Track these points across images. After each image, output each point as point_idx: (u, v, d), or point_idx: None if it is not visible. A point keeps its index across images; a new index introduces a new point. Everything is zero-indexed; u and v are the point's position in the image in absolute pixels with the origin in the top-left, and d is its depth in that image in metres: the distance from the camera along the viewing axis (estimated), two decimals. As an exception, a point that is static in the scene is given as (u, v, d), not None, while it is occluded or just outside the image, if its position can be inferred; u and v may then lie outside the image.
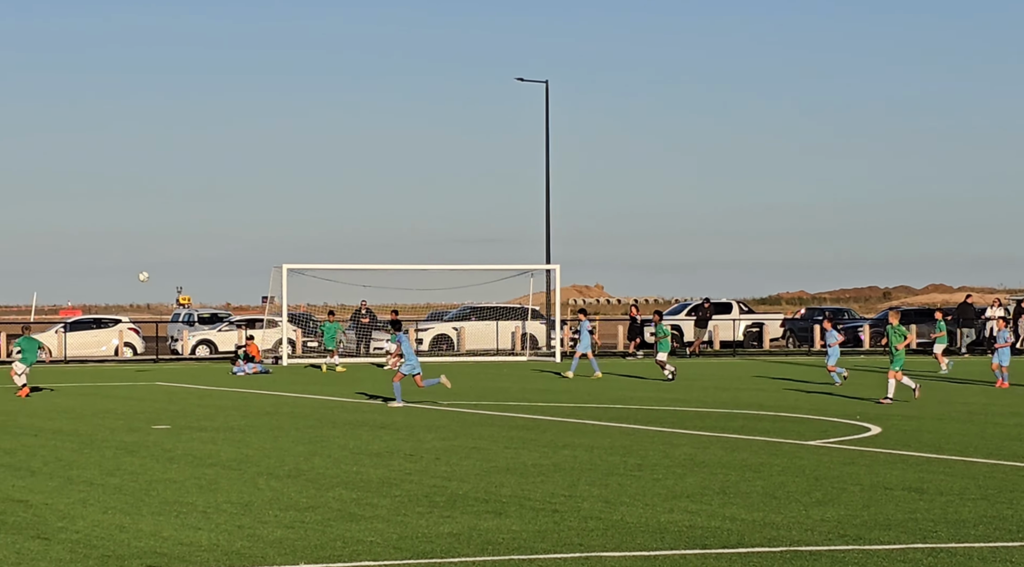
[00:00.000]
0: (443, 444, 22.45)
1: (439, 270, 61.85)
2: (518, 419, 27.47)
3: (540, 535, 13.76)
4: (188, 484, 17.56)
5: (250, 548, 13.03)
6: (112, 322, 63.97)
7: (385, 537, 13.62)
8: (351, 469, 19.11)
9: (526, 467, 19.30)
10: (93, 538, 13.55)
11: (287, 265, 55.77)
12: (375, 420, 27.23)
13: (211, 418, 27.92)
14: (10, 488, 17.19)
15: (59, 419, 27.75)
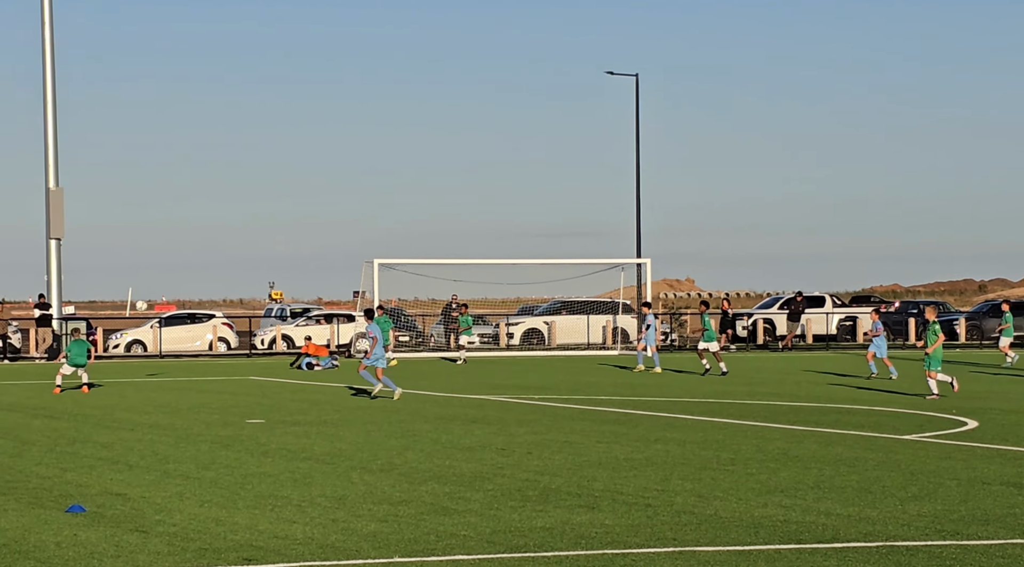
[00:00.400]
0: (535, 438, 22.46)
1: (530, 264, 61.91)
2: (609, 413, 27.43)
3: (633, 529, 13.72)
4: (283, 478, 17.68)
5: (344, 542, 13.09)
6: (206, 317, 64.58)
7: (478, 531, 13.64)
8: (443, 463, 19.16)
9: (618, 461, 19.27)
10: (190, 531, 13.68)
11: (378, 260, 56.05)
12: (467, 414, 27.29)
13: (304, 412, 28.10)
14: (108, 481, 17.39)
15: (155, 413, 28.04)
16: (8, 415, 27.86)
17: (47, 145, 58.00)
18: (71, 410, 28.98)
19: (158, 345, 59.60)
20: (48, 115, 57.97)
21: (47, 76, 57.87)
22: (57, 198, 57.86)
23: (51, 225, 57.70)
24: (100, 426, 25.23)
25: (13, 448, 21.39)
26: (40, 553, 12.50)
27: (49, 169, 57.96)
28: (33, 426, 25.27)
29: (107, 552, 12.56)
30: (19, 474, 18.17)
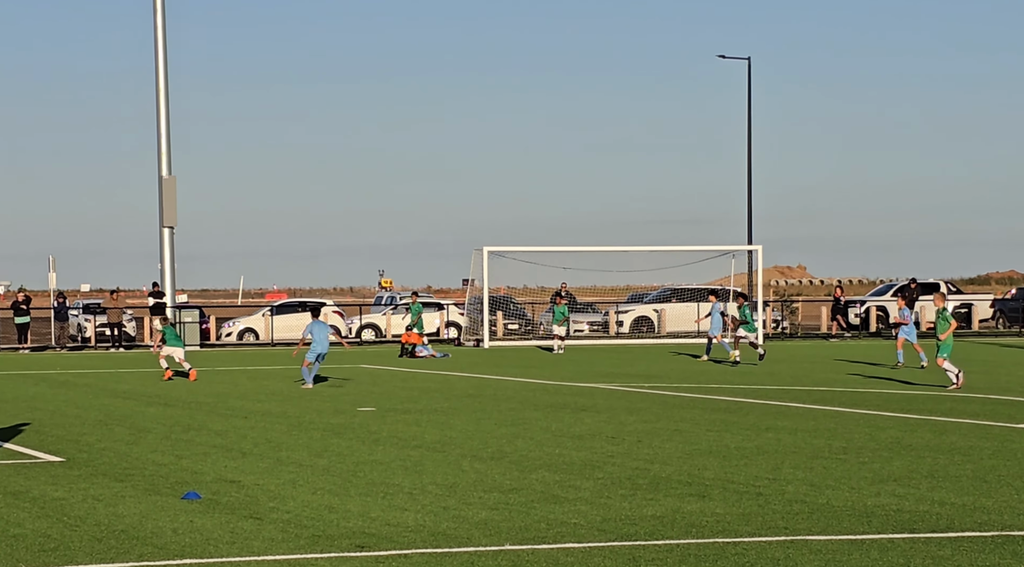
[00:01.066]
0: (645, 426, 22.42)
1: (639, 251, 61.77)
2: (720, 402, 27.32)
3: (744, 518, 13.66)
4: (394, 465, 17.80)
5: (456, 529, 13.16)
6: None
7: (589, 519, 13.65)
8: (553, 451, 19.18)
9: (729, 450, 19.18)
10: (303, 518, 13.81)
11: (488, 247, 56.17)
12: (576, 402, 27.30)
13: (415, 400, 28.25)
14: (223, 469, 17.60)
15: (268, 401, 28.33)
16: (124, 402, 28.28)
17: (160, 135, 58.72)
18: (185, 398, 29.36)
19: (270, 333, 60.17)
20: (161, 105, 58.69)
21: (160, 66, 58.59)
22: (170, 187, 58.57)
23: (164, 214, 58.42)
24: (214, 414, 25.54)
25: (130, 436, 21.71)
26: (157, 539, 12.68)
27: (162, 158, 58.69)
28: (148, 414, 25.63)
29: (223, 539, 12.71)
30: (136, 461, 18.44)
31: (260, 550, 12.17)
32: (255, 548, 12.25)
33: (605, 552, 11.99)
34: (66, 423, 23.83)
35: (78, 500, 15.05)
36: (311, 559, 11.75)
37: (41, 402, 28.51)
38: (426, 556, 11.86)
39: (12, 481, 16.55)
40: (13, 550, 12.20)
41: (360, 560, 11.70)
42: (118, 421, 24.14)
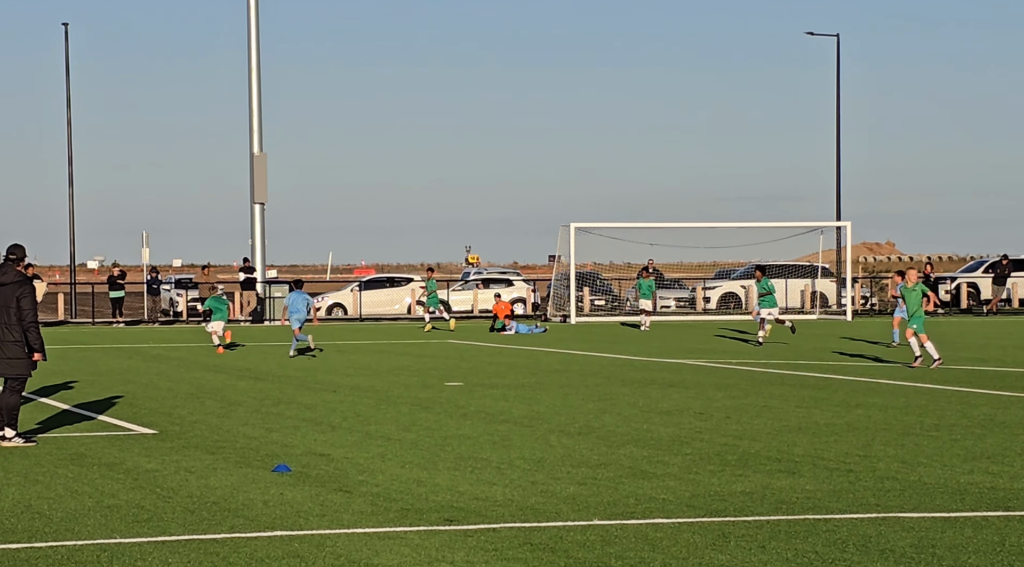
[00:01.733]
0: (733, 402, 22.33)
1: (727, 228, 61.46)
2: (809, 378, 27.15)
3: (835, 495, 13.57)
4: (482, 440, 17.84)
5: (544, 504, 13.16)
6: (404, 281, 65.28)
7: (677, 495, 13.61)
8: (641, 427, 19.15)
9: (818, 426, 19.06)
10: (392, 491, 13.87)
11: (575, 224, 56.10)
12: (664, 378, 27.23)
13: (501, 375, 28.30)
14: (312, 442, 17.72)
15: (356, 376, 28.48)
16: (215, 376, 28.54)
17: (251, 112, 59.10)
18: (275, 372, 29.58)
19: (358, 308, 60.48)
20: (252, 82, 59.04)
21: (251, 44, 58.94)
22: (261, 164, 58.95)
23: (255, 190, 58.84)
24: (303, 388, 25.70)
25: (221, 409, 21.91)
26: (248, 511, 12.79)
27: (253, 135, 59.08)
28: (239, 387, 25.85)
29: (312, 511, 12.80)
30: (227, 434, 18.60)
31: (350, 523, 12.24)
32: (345, 521, 12.33)
33: (695, 528, 11.96)
34: (158, 396, 24.09)
35: (171, 472, 15.21)
36: (400, 532, 11.81)
37: (134, 375, 28.84)
38: (515, 530, 11.88)
39: (106, 453, 16.76)
40: (108, 520, 12.35)
41: (449, 534, 11.74)
42: (209, 394, 24.37)
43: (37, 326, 17.47)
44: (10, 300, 17.33)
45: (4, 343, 17.39)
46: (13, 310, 17.32)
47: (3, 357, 17.40)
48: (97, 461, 16.04)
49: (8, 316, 17.35)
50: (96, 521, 12.31)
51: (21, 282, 17.45)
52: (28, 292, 17.38)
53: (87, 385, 26.21)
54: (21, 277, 17.53)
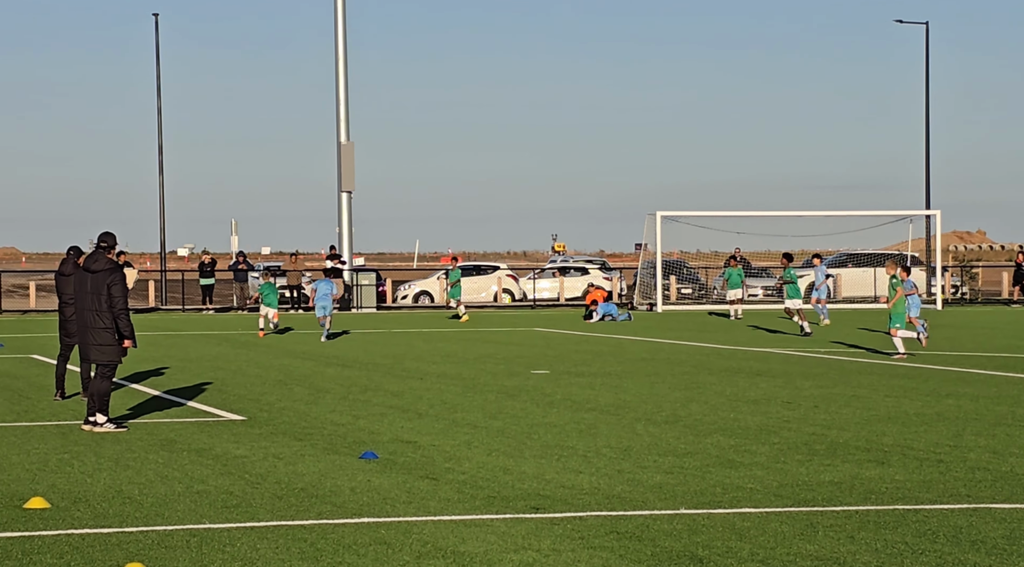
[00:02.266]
0: (821, 392, 22.17)
1: (814, 216, 61.00)
2: (898, 367, 26.91)
3: (925, 485, 13.45)
4: (568, 428, 17.83)
5: (630, 492, 13.14)
6: (491, 268, 65.38)
7: (765, 484, 13.54)
8: (729, 416, 19.07)
9: (908, 416, 18.89)
10: (479, 479, 13.90)
11: (661, 212, 55.90)
12: (751, 367, 27.10)
13: (588, 363, 28.27)
14: (399, 429, 17.78)
15: (443, 363, 28.55)
16: (304, 363, 28.71)
17: (338, 101, 59.37)
18: (362, 359, 29.72)
19: (445, 296, 60.59)
20: (340, 72, 59.32)
21: (338, 33, 59.20)
22: (348, 152, 59.21)
23: (342, 178, 59.10)
24: (390, 375, 25.81)
25: (309, 395, 22.04)
26: (336, 498, 12.86)
27: (340, 124, 59.33)
28: (327, 374, 25.99)
29: (399, 498, 12.85)
30: (315, 421, 18.71)
31: (436, 510, 12.28)
32: (431, 508, 12.36)
33: (782, 517, 11.89)
34: (247, 382, 24.28)
35: (259, 458, 15.32)
36: (487, 520, 11.83)
37: (224, 362, 29.07)
38: (601, 519, 11.87)
39: (196, 439, 16.91)
40: (197, 505, 12.46)
41: (535, 522, 11.75)
42: (297, 381, 24.52)
43: (127, 313, 17.66)
44: (101, 287, 17.54)
45: (94, 330, 17.60)
46: (104, 297, 17.52)
47: (93, 343, 17.62)
48: (187, 447, 16.20)
49: (99, 303, 17.55)
50: (186, 506, 12.42)
51: (112, 269, 17.65)
52: (118, 279, 17.57)
53: (177, 371, 26.46)
54: (112, 264, 17.73)
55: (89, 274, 17.70)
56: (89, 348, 17.73)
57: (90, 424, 17.55)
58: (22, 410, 19.99)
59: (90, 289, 17.62)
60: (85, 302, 17.69)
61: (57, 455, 15.55)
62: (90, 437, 17.04)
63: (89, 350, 17.75)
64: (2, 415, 19.50)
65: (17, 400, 21.40)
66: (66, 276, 20.56)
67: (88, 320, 17.65)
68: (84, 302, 17.71)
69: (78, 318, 17.96)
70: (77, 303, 18.04)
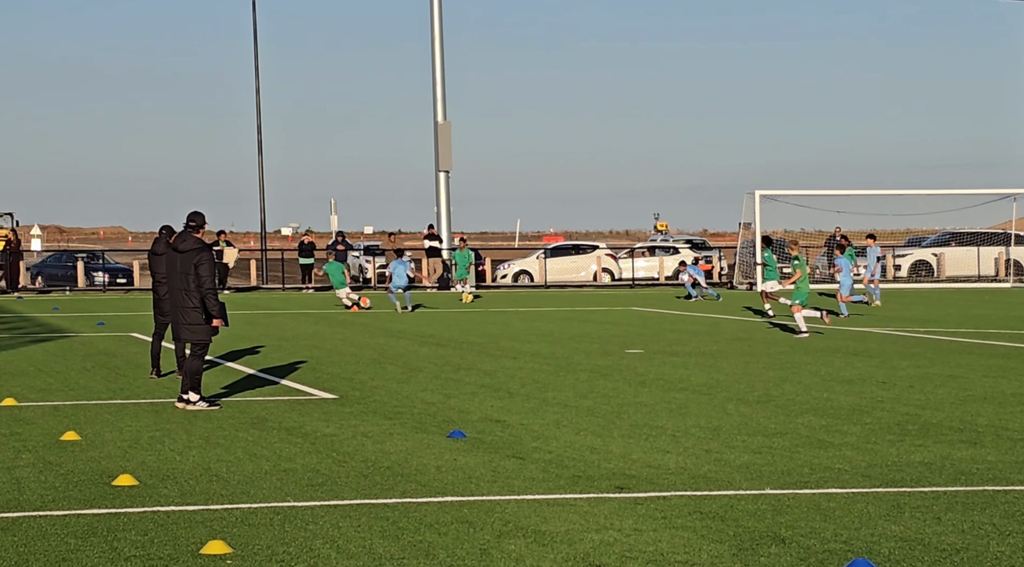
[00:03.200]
0: (918, 371, 21.91)
1: (916, 195, 60.31)
2: (999, 347, 26.53)
3: (1018, 466, 13.24)
4: (658, 408, 17.75)
5: (717, 472, 13.05)
6: (590, 248, 65.28)
7: (854, 464, 13.40)
8: (821, 396, 18.89)
9: (1005, 396, 18.62)
10: (565, 458, 13.87)
11: (760, 191, 55.50)
12: (848, 347, 26.83)
13: (683, 343, 28.13)
14: (489, 408, 17.79)
15: (537, 342, 28.54)
16: (398, 342, 28.82)
17: (435, 81, 59.50)
18: (457, 338, 29.78)
19: (543, 275, 60.63)
20: (436, 53, 59.42)
21: (434, 13, 59.28)
22: (445, 132, 59.35)
23: (439, 158, 59.26)
24: (484, 354, 25.84)
25: (402, 374, 22.12)
26: (421, 476, 12.89)
27: (437, 104, 59.48)
28: (421, 353, 26.07)
29: (484, 477, 12.85)
30: (406, 400, 18.77)
31: (520, 489, 12.27)
32: (515, 487, 12.35)
33: (868, 498, 11.76)
34: (342, 361, 24.41)
35: (348, 436, 15.39)
36: (570, 499, 11.80)
37: (319, 340, 29.25)
38: (685, 498, 11.80)
39: (287, 417, 17.03)
40: (283, 483, 12.54)
41: (618, 501, 11.70)
42: (391, 360, 24.62)
43: (215, 292, 17.75)
44: (189, 267, 17.67)
45: (184, 309, 17.76)
46: (192, 276, 17.65)
47: (184, 322, 17.78)
48: (277, 425, 16.31)
49: (187, 283, 17.69)
50: (272, 484, 12.50)
51: (199, 249, 17.77)
52: (206, 259, 17.68)
53: (273, 350, 26.66)
54: (200, 244, 17.86)
55: (178, 254, 17.85)
56: (180, 327, 17.89)
57: (183, 402, 17.73)
58: (118, 388, 20.24)
59: (179, 269, 17.77)
60: (175, 282, 17.85)
61: (149, 433, 15.72)
62: (183, 415, 17.21)
63: (180, 329, 17.92)
64: (98, 393, 19.76)
65: (114, 378, 21.67)
66: (158, 255, 20.78)
67: (179, 300, 17.81)
68: (174, 281, 17.88)
69: (171, 297, 18.12)
70: (168, 283, 18.24)
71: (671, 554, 9.85)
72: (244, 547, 10.04)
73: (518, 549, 10.00)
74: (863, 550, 9.90)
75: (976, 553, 9.82)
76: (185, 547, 10.05)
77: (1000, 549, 9.93)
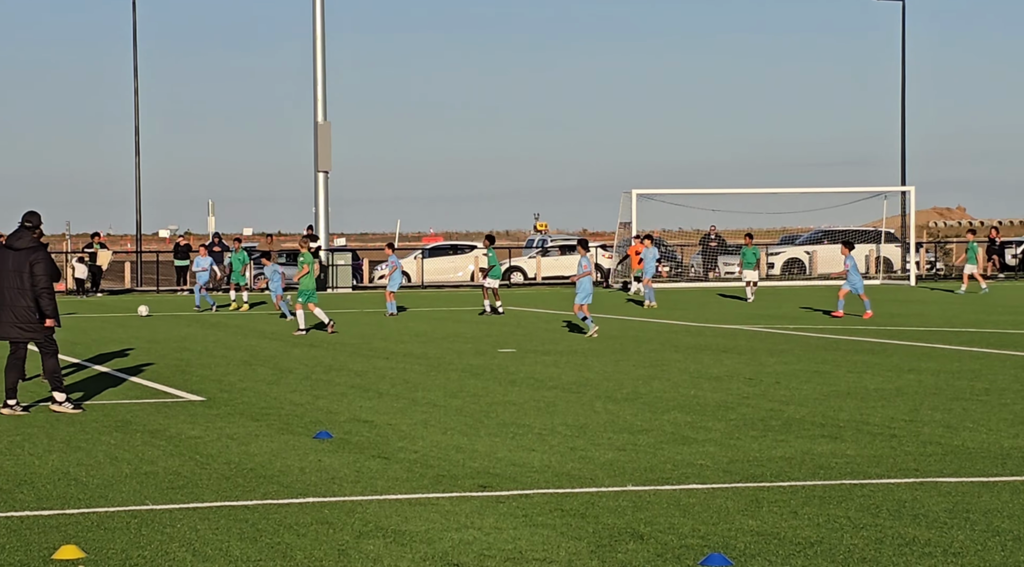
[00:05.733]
0: (784, 368, 22.17)
1: (790, 193, 61.01)
2: (864, 343, 26.92)
3: (875, 460, 13.44)
4: (527, 406, 17.80)
5: (580, 469, 13.11)
6: (468, 248, 65.33)
7: (716, 460, 13.52)
8: (689, 393, 19.05)
9: (867, 391, 18.90)
10: (430, 457, 13.86)
11: (636, 190, 55.86)
12: (718, 344, 27.08)
13: (555, 342, 28.23)
14: (357, 409, 17.73)
15: (410, 342, 28.49)
16: (270, 343, 28.64)
17: (316, 81, 59.20)
18: (330, 339, 29.64)
19: (420, 275, 60.57)
20: (318, 52, 59.13)
21: (316, 13, 58.97)
22: (325, 132, 59.07)
23: (319, 158, 58.97)
24: (356, 354, 25.75)
25: (272, 376, 21.98)
26: (284, 477, 12.81)
27: (318, 105, 59.19)
28: (293, 354, 25.92)
29: (348, 477, 12.80)
30: (274, 401, 18.66)
31: (383, 489, 12.24)
32: (378, 487, 12.32)
33: (728, 493, 11.87)
34: (212, 363, 24.20)
35: (213, 439, 15.27)
36: (432, 499, 11.79)
37: (191, 342, 28.99)
38: (547, 496, 11.84)
39: (152, 420, 16.85)
40: (143, 487, 12.40)
41: (481, 500, 11.71)
42: (262, 361, 24.46)
43: (50, 292, 17.40)
44: (23, 266, 17.31)
45: (15, 308, 17.34)
46: (27, 275, 17.31)
47: (13, 323, 17.35)
48: (141, 428, 16.13)
49: (21, 281, 17.30)
50: (131, 488, 12.36)
51: (35, 248, 17.43)
52: (41, 258, 17.35)
53: (143, 352, 26.38)
54: (35, 244, 17.53)
55: (11, 251, 17.46)
56: (8, 327, 17.42)
57: (54, 404, 17.45)
58: (-19, 393, 19.89)
59: (12, 267, 17.32)
60: (7, 280, 17.38)
61: (8, 437, 15.47)
62: (44, 419, 16.96)
63: (9, 329, 17.44)
64: (-40, 398, 19.40)
65: (-23, 383, 21.29)
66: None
67: (9, 299, 17.36)
68: (6, 280, 17.40)
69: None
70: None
71: (529, 552, 9.87)
72: (98, 552, 9.92)
73: (376, 549, 9.98)
74: (720, 545, 10.00)
75: (830, 546, 9.95)
76: (37, 552, 9.90)
77: (854, 542, 10.07)
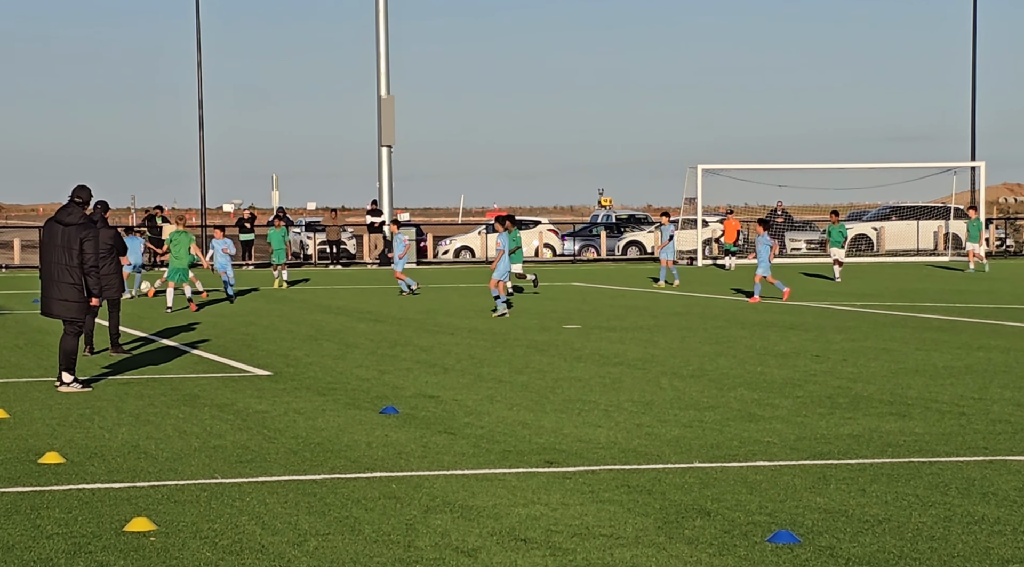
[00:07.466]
0: (852, 345, 22.04)
1: (858, 169, 60.63)
2: (933, 320, 26.72)
3: (944, 438, 13.35)
4: (592, 382, 17.79)
5: (647, 446, 13.09)
6: (532, 223, 65.28)
7: (783, 438, 13.47)
8: (755, 369, 18.98)
9: (936, 369, 18.76)
10: (496, 433, 13.87)
11: (702, 165, 55.66)
12: (785, 321, 26.96)
13: (621, 318, 28.19)
14: (423, 384, 17.77)
15: (475, 318, 28.53)
16: (336, 318, 28.75)
17: (379, 55, 59.26)
18: (395, 314, 29.73)
19: (485, 251, 60.60)
20: (380, 26, 59.18)
21: (377, -12, 58.97)
22: (388, 106, 59.13)
23: (382, 133, 59.06)
24: (421, 330, 25.80)
25: (337, 350, 22.06)
26: (351, 452, 12.86)
27: (381, 79, 59.25)
28: (358, 329, 26.01)
29: (414, 452, 12.83)
30: (340, 376, 18.73)
31: (450, 464, 12.26)
32: (445, 462, 12.35)
33: (795, 470, 11.82)
34: (278, 338, 24.32)
35: (280, 413, 15.34)
36: (499, 474, 11.80)
37: (256, 317, 29.13)
38: (613, 472, 11.83)
39: (219, 394, 16.95)
40: (211, 460, 12.48)
41: (547, 476, 11.72)
42: (328, 336, 24.55)
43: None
44: (73, 242, 16.98)
45: (60, 284, 17.03)
46: (76, 251, 17.00)
47: (58, 298, 17.07)
48: (209, 402, 16.24)
49: (69, 257, 16.98)
50: (200, 461, 12.45)
51: (85, 224, 17.10)
52: (91, 236, 16.99)
53: (209, 327, 26.53)
54: (85, 220, 17.29)
55: (60, 226, 17.23)
56: (52, 302, 17.16)
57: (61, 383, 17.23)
58: (50, 365, 20.06)
59: (60, 242, 17.04)
60: (53, 255, 17.10)
61: (79, 410, 15.62)
62: (114, 393, 17.10)
63: (52, 304, 17.18)
64: (29, 370, 19.61)
65: (46, 355, 21.50)
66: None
67: (54, 274, 17.09)
68: (52, 255, 17.12)
69: (44, 270, 17.21)
70: (44, 255, 17.25)
71: (596, 527, 9.87)
72: (168, 524, 9.99)
73: (444, 524, 10.00)
74: (787, 522, 9.95)
75: (898, 524, 9.89)
76: (109, 525, 9.99)
77: (922, 520, 10.00)
